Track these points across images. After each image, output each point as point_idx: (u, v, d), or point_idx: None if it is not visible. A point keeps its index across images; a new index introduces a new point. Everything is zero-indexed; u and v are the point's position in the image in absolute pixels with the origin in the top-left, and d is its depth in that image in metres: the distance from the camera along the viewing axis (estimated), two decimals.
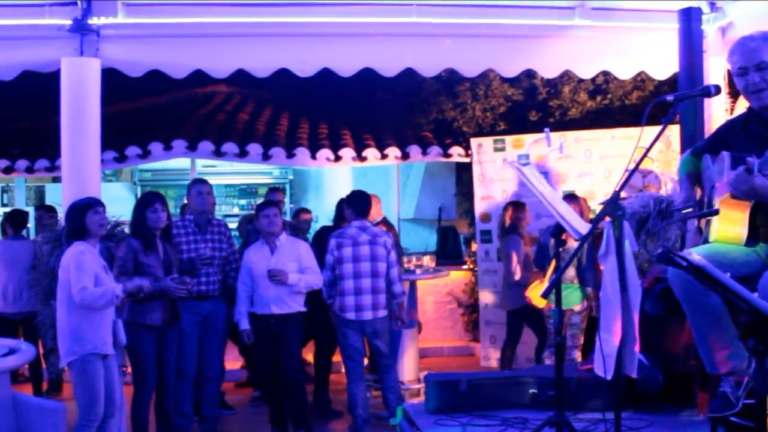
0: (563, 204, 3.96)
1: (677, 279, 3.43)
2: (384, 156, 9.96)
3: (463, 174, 10.37)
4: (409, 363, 7.57)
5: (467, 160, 9.72)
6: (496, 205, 9.10)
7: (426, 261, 7.87)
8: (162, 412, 5.91)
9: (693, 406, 4.36)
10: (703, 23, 6.60)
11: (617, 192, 3.35)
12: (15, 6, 6.33)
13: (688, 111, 6.33)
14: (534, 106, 9.67)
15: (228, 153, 9.76)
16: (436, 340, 9.90)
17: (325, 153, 9.88)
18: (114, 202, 8.11)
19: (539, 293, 6.96)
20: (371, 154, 9.92)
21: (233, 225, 8.22)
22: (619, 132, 8.57)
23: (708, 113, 6.53)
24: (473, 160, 9.35)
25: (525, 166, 4.20)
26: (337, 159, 9.90)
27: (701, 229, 3.73)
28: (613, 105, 9.45)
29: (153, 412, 5.90)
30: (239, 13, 6.46)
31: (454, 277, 9.68)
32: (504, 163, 9.02)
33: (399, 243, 8.10)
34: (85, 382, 4.93)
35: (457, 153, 9.90)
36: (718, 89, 3.49)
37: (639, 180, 7.81)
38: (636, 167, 3.44)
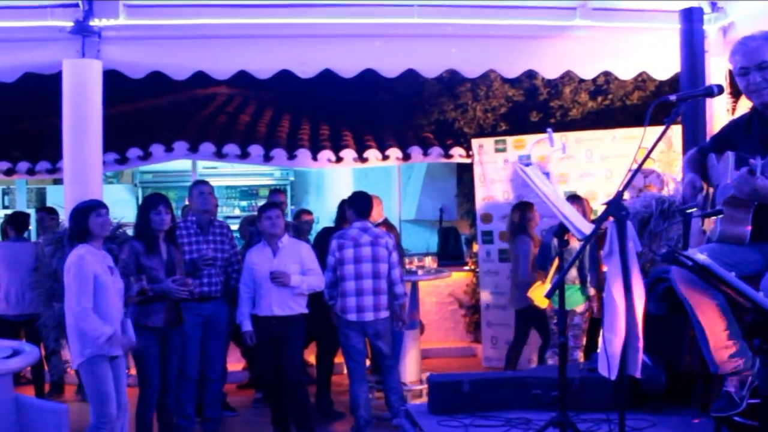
0: (566, 204, 3.96)
1: (680, 279, 3.44)
2: (385, 157, 9.96)
3: (464, 175, 10.37)
4: (411, 364, 7.56)
5: (468, 160, 9.72)
6: (497, 206, 9.11)
7: (428, 262, 7.88)
8: (164, 413, 5.90)
9: (696, 406, 4.36)
10: (705, 23, 6.60)
11: (620, 192, 3.35)
12: (17, 8, 6.34)
13: (689, 111, 6.32)
14: (535, 106, 9.67)
15: (229, 154, 9.75)
16: (437, 341, 9.89)
17: (327, 154, 9.88)
18: (115, 203, 8.11)
19: (541, 294, 6.98)
20: (372, 155, 9.92)
21: (234, 227, 8.21)
22: (620, 132, 8.57)
23: (710, 113, 6.53)
24: (474, 160, 9.35)
25: (527, 166, 4.18)
26: (339, 160, 9.89)
27: (704, 231, 3.73)
28: (614, 105, 9.45)
29: (155, 413, 5.90)
30: (240, 15, 6.46)
31: (455, 278, 9.68)
32: (505, 164, 9.03)
33: (400, 244, 8.10)
34: (94, 383, 4.94)
35: (458, 154, 9.90)
36: (720, 89, 3.50)
37: (640, 180, 7.81)
38: (639, 168, 3.44)
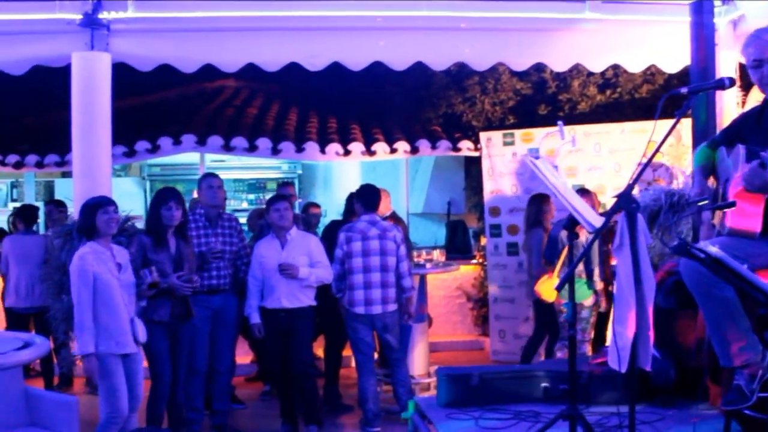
0: (577, 197, 3.95)
1: (690, 272, 3.43)
2: (393, 150, 9.94)
3: (472, 168, 10.36)
4: (420, 357, 7.56)
5: (476, 154, 9.70)
6: (505, 199, 9.10)
7: (436, 255, 7.86)
8: (173, 406, 5.92)
9: (706, 399, 4.35)
10: (715, 16, 6.57)
11: (631, 185, 3.34)
12: (25, 1, 6.34)
13: (699, 104, 6.31)
14: (543, 100, 9.65)
15: (237, 147, 9.75)
16: (445, 334, 9.89)
17: (335, 147, 9.87)
18: (123, 196, 8.12)
19: (548, 288, 6.97)
20: (380, 148, 9.90)
21: (243, 219, 8.22)
22: (629, 126, 8.55)
23: (720, 106, 6.50)
24: (482, 154, 9.34)
25: (537, 159, 4.18)
26: (347, 153, 9.88)
27: (714, 224, 3.72)
28: (623, 99, 9.43)
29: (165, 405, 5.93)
30: (249, 7, 6.46)
31: (463, 272, 9.67)
32: (513, 158, 9.01)
33: (408, 237, 8.10)
34: (104, 378, 4.96)
35: (467, 147, 9.88)
36: (732, 81, 3.49)
37: (649, 173, 7.79)
38: (649, 161, 3.43)
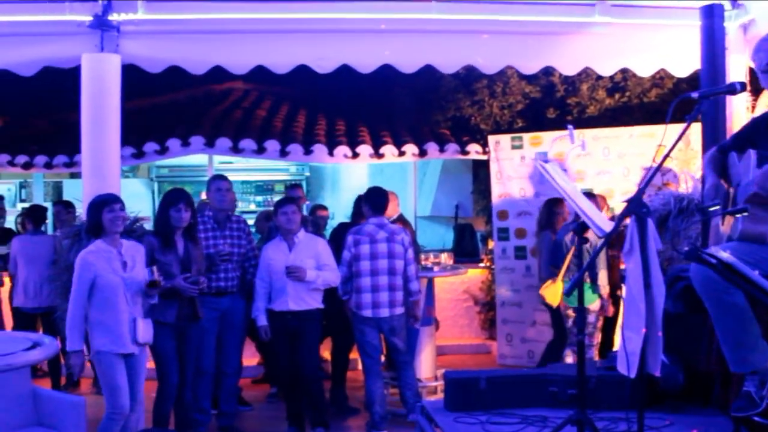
0: (587, 201, 3.95)
1: (701, 277, 3.41)
2: (401, 153, 9.93)
3: (480, 171, 10.35)
4: (427, 360, 7.56)
5: (484, 157, 9.69)
6: (513, 203, 9.09)
7: (444, 258, 7.85)
8: (181, 407, 5.92)
9: (714, 405, 4.34)
10: (725, 20, 6.54)
11: (641, 189, 3.34)
12: (36, 2, 6.36)
13: (709, 108, 6.28)
14: (552, 103, 9.64)
15: (245, 149, 9.75)
16: (452, 337, 9.88)
17: (343, 150, 9.86)
18: (131, 198, 8.12)
19: (552, 292, 6.97)
20: (389, 151, 9.89)
21: (251, 221, 8.22)
22: (638, 130, 8.54)
23: (729, 111, 6.48)
24: (491, 157, 9.34)
25: (547, 163, 4.18)
26: (355, 156, 9.87)
27: (723, 230, 3.70)
28: (632, 103, 9.41)
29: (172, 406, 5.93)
30: (259, 10, 6.47)
31: (470, 275, 9.65)
32: (521, 161, 9.00)
33: (416, 240, 8.09)
34: (104, 375, 4.98)
35: (475, 150, 9.86)
36: (743, 86, 3.48)
37: (658, 177, 7.77)
38: (660, 165, 3.42)
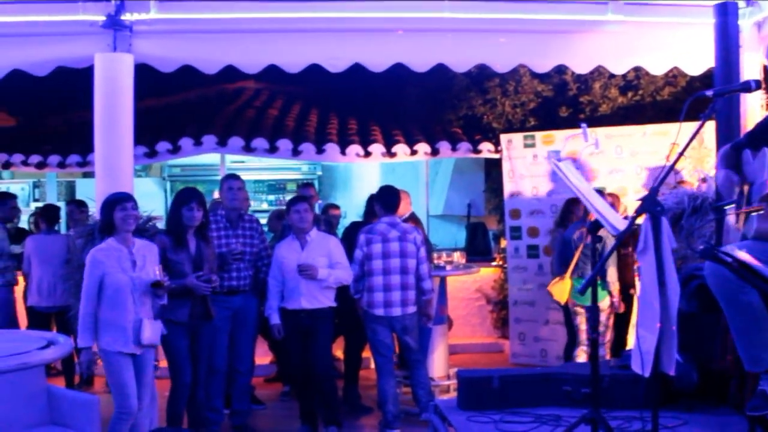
0: (601, 200, 3.94)
1: (715, 276, 3.40)
2: (413, 152, 9.93)
3: (493, 170, 10.34)
4: (439, 359, 7.55)
5: (497, 156, 9.68)
6: (525, 202, 9.07)
7: (456, 257, 7.84)
8: (193, 405, 5.93)
9: (729, 404, 4.32)
10: (739, 18, 6.51)
11: (655, 188, 3.32)
12: (49, 2, 6.38)
13: (723, 106, 6.25)
14: (564, 102, 9.62)
15: (258, 148, 9.77)
16: (465, 336, 9.87)
17: (355, 149, 9.87)
18: (143, 197, 8.13)
19: (560, 289, 6.97)
20: (401, 149, 9.89)
21: (263, 220, 8.23)
22: (651, 128, 8.52)
23: (743, 109, 6.44)
24: (503, 156, 9.32)
25: (561, 162, 4.17)
26: (367, 155, 9.88)
27: (738, 228, 3.68)
28: (645, 101, 9.38)
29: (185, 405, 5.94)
30: (271, 9, 6.47)
31: (483, 274, 9.65)
32: (534, 160, 8.98)
33: (428, 239, 8.09)
34: (111, 374, 4.99)
35: (487, 149, 9.85)
36: (758, 84, 3.46)
37: (671, 176, 7.73)
38: (674, 164, 3.40)
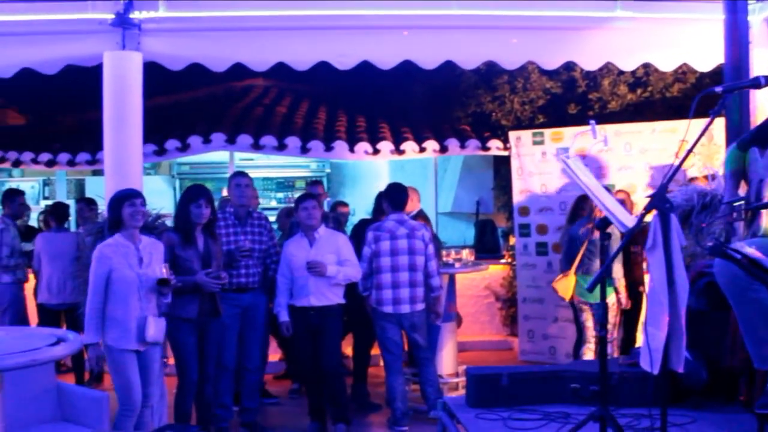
0: (609, 197, 3.93)
1: (724, 273, 3.39)
2: (422, 149, 9.92)
3: (501, 167, 10.32)
4: (448, 357, 7.55)
5: (505, 153, 9.66)
6: (534, 199, 9.06)
7: (465, 255, 7.84)
8: (202, 402, 5.95)
9: (738, 402, 4.31)
10: (749, 14, 6.49)
11: (664, 185, 3.31)
12: (58, 1, 6.41)
13: (733, 103, 6.24)
14: (573, 99, 9.59)
15: (266, 146, 9.78)
16: (474, 334, 9.86)
17: (364, 146, 9.86)
18: (153, 194, 8.15)
19: (564, 285, 6.97)
20: (409, 147, 9.88)
21: (272, 218, 8.25)
22: (660, 125, 8.48)
23: (753, 105, 6.42)
24: (512, 153, 9.30)
25: (569, 159, 4.16)
26: (376, 152, 9.87)
27: (747, 226, 3.67)
28: (654, 98, 9.35)
29: (194, 402, 5.95)
30: (279, 7, 6.48)
31: (492, 271, 9.63)
32: (543, 157, 8.97)
33: (437, 236, 8.08)
34: (116, 371, 5.00)
35: (496, 146, 9.84)
36: (767, 80, 3.44)
37: (681, 173, 7.71)
38: (683, 161, 3.39)
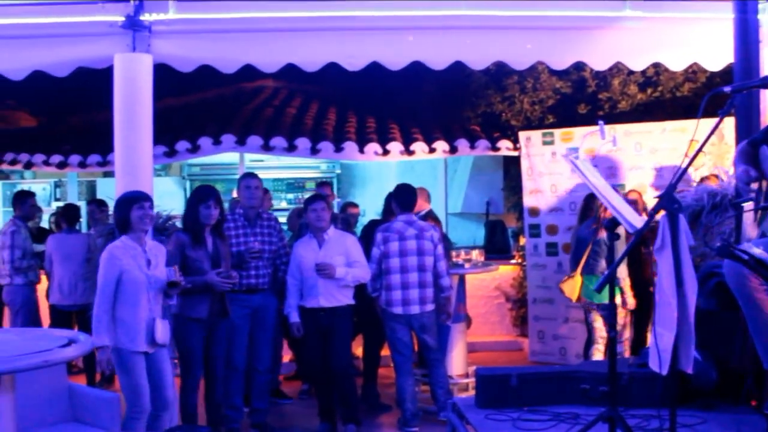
0: (618, 197, 3.93)
1: (733, 274, 3.39)
2: (432, 150, 9.92)
3: (511, 168, 10.32)
4: (458, 357, 7.55)
5: (515, 153, 9.66)
6: (544, 199, 9.05)
7: (475, 255, 7.84)
8: (212, 403, 5.98)
9: (748, 402, 4.29)
10: (759, 13, 6.46)
11: (673, 185, 3.31)
12: (69, 4, 6.43)
13: (743, 102, 6.21)
14: (583, 98, 9.57)
15: (276, 147, 9.79)
16: (484, 334, 9.86)
17: (373, 147, 9.87)
18: (163, 196, 8.21)
19: (570, 286, 6.96)
20: (419, 147, 9.89)
21: (282, 219, 8.26)
22: (670, 125, 8.46)
23: (764, 104, 6.39)
24: (521, 153, 9.30)
25: (578, 159, 4.16)
26: (385, 153, 9.88)
27: (757, 225, 3.66)
28: (664, 97, 9.32)
29: (203, 403, 5.98)
30: (289, 8, 6.48)
31: (502, 272, 9.63)
32: (553, 157, 8.96)
33: (447, 236, 8.08)
34: (124, 374, 5.00)
35: (506, 146, 9.83)
36: None
37: (688, 174, 7.69)
38: (691, 161, 3.39)
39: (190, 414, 5.80)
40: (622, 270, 6.73)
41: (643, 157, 8.54)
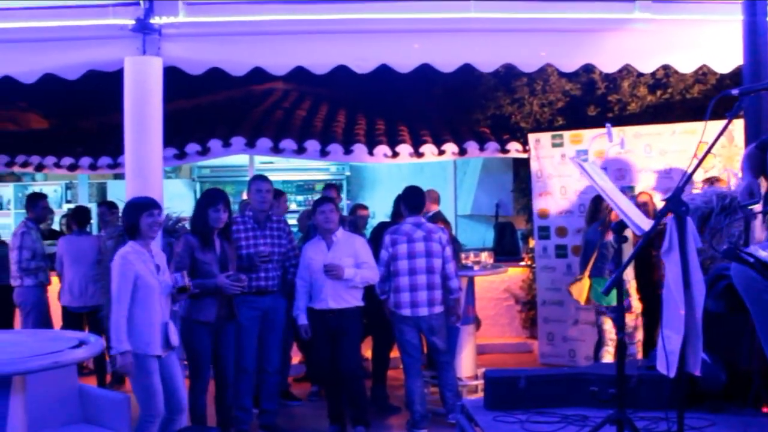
0: (625, 199, 3.93)
1: (741, 276, 3.38)
2: (441, 152, 9.93)
3: (521, 170, 10.31)
4: (467, 359, 7.55)
5: (525, 155, 9.66)
6: (554, 201, 9.04)
7: (484, 257, 7.84)
8: (222, 405, 6.00)
9: (756, 405, 4.29)
10: None
11: (680, 187, 3.31)
12: (80, 7, 6.47)
13: (752, 104, 6.19)
14: (592, 101, 9.56)
15: (286, 149, 9.81)
16: (493, 336, 9.86)
17: (383, 149, 9.88)
18: (173, 198, 8.24)
19: (578, 288, 6.97)
20: (428, 150, 9.90)
21: (291, 221, 8.28)
22: (680, 127, 8.45)
23: None
24: (531, 155, 9.30)
25: (585, 162, 4.17)
26: (395, 155, 9.89)
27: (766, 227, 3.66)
28: (674, 99, 9.30)
29: (213, 405, 6.00)
30: (298, 11, 6.51)
31: (511, 274, 9.63)
32: (562, 159, 8.95)
33: (456, 238, 8.09)
34: (138, 377, 4.98)
35: (515, 149, 9.83)
36: None
37: (699, 175, 7.67)
38: (699, 163, 3.39)
39: (199, 416, 5.82)
40: (628, 273, 6.73)
41: (653, 159, 8.53)
